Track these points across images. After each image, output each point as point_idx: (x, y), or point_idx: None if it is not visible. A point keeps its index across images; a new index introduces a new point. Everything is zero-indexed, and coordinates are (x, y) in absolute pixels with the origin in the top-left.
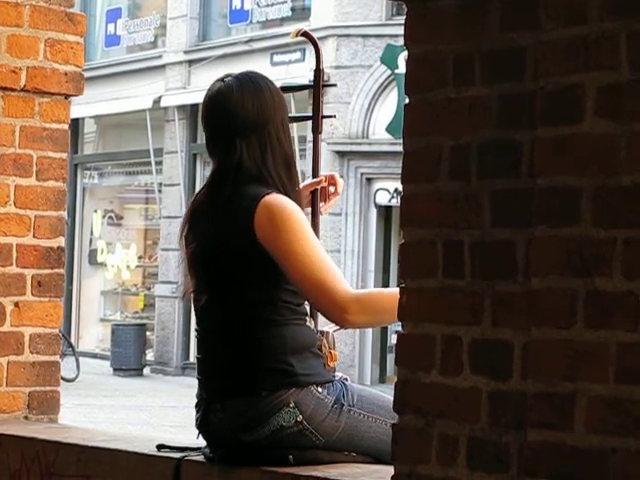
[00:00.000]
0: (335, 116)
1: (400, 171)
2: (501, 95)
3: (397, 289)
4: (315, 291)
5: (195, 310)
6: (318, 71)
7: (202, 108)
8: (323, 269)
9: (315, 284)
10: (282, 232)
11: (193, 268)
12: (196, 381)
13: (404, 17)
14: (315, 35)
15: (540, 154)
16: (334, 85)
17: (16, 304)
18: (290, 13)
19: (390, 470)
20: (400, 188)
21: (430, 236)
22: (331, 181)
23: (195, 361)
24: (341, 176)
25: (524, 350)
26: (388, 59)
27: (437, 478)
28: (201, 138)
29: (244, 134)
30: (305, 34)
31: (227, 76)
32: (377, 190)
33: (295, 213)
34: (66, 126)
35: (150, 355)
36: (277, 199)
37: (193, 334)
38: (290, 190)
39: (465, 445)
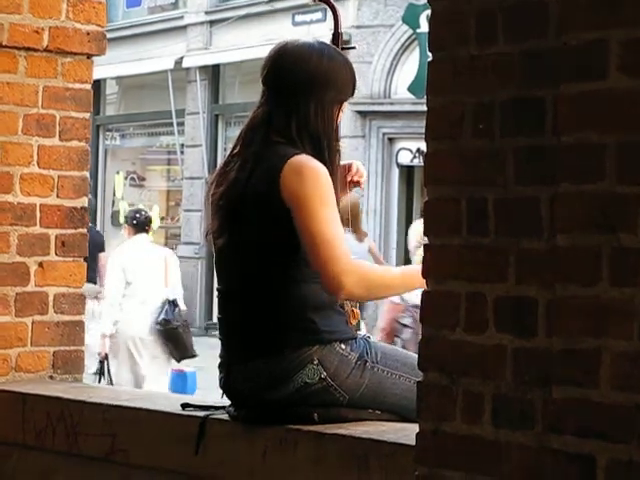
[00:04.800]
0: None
1: (422, 131)
2: (524, 52)
3: (396, 268)
4: (319, 254)
5: (215, 254)
6: (336, 35)
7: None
8: (332, 234)
9: (319, 245)
10: (304, 188)
11: (217, 209)
12: (219, 341)
13: None
14: None
15: (564, 111)
16: (353, 48)
17: (40, 264)
18: None
19: (415, 428)
20: (422, 148)
21: (454, 193)
22: (350, 168)
23: (217, 321)
24: (362, 136)
25: (549, 307)
26: (410, 18)
27: (462, 435)
28: (223, 99)
29: (277, 93)
30: None
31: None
32: (399, 150)
33: (321, 174)
34: (89, 86)
35: None
36: (306, 159)
37: (216, 294)
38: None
39: (490, 402)
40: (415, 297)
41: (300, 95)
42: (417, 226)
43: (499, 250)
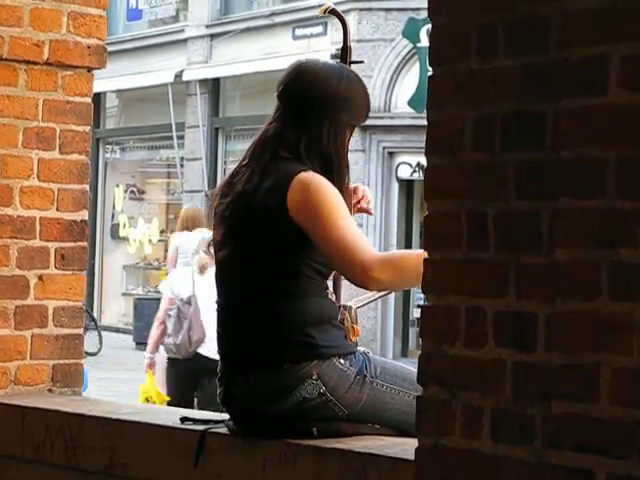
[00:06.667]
0: None
1: (422, 145)
2: (525, 66)
3: (422, 251)
4: (339, 251)
5: (216, 276)
6: (345, 48)
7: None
8: (349, 232)
9: (340, 245)
10: (313, 200)
11: (222, 220)
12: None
13: None
14: (337, 9)
15: (564, 125)
16: (361, 62)
17: (40, 277)
18: None
19: (414, 442)
20: (422, 162)
21: (454, 208)
22: (356, 191)
23: (216, 334)
24: (362, 150)
25: (548, 322)
26: (410, 33)
27: (461, 450)
28: (223, 112)
29: (292, 111)
30: (332, 11)
31: (311, 60)
32: (399, 164)
33: (328, 187)
34: (89, 99)
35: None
36: (312, 175)
37: (215, 308)
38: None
39: (489, 417)
40: (184, 291)
41: (314, 114)
42: (200, 232)
43: (499, 265)
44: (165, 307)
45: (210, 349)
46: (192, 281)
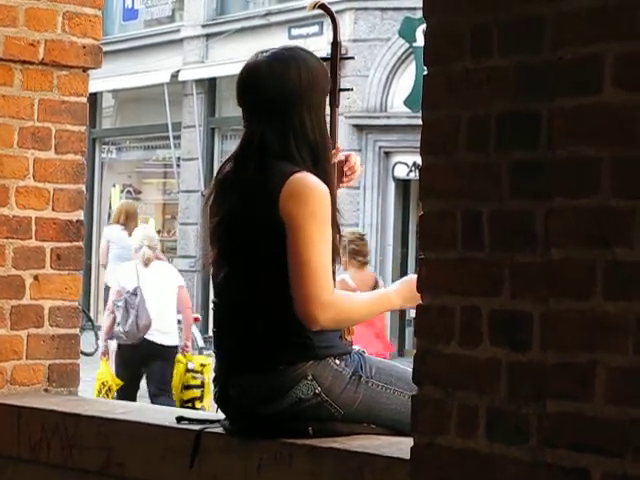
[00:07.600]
0: (352, 89)
1: (418, 144)
2: (519, 66)
3: (367, 295)
4: (301, 285)
5: (213, 283)
6: (335, 44)
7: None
8: (319, 265)
9: (304, 278)
10: (301, 211)
11: (215, 240)
12: (214, 355)
13: None
14: (333, 8)
15: (558, 125)
16: (351, 58)
17: (35, 277)
18: None
19: (409, 441)
20: (419, 161)
21: (449, 207)
22: (348, 159)
23: (212, 335)
24: (359, 150)
25: (543, 321)
26: (406, 32)
27: (457, 449)
28: (219, 112)
29: (266, 113)
30: (322, 6)
31: (265, 51)
32: (395, 164)
33: (321, 195)
34: (84, 99)
35: None
36: (306, 178)
37: (211, 307)
38: (317, 175)
39: (484, 416)
40: (129, 283)
41: (291, 110)
42: (141, 229)
43: (494, 264)
44: (113, 299)
45: (154, 334)
46: (136, 274)
